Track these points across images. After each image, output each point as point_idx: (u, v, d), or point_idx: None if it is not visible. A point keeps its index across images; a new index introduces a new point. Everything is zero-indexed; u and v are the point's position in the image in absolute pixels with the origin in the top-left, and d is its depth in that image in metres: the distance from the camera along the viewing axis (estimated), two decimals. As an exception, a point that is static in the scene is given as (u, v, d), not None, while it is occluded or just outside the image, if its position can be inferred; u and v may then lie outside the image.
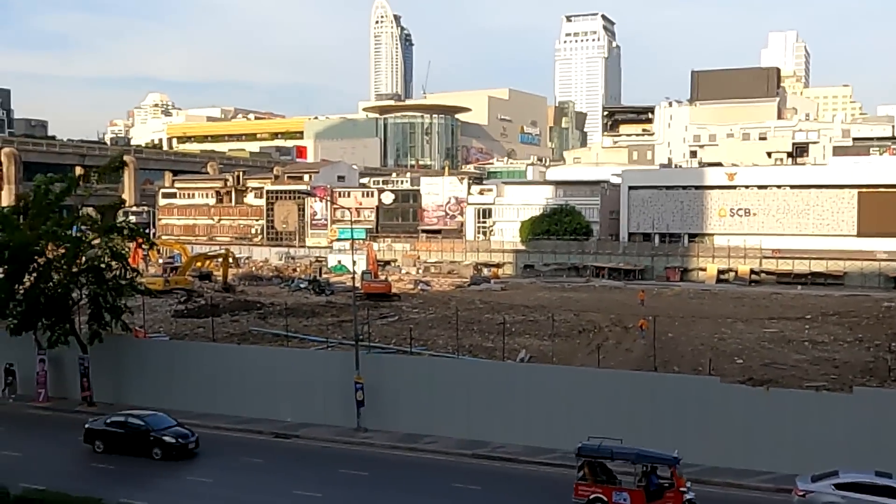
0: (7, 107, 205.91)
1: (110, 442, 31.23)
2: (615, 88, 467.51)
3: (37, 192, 38.30)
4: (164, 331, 55.65)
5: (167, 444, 30.46)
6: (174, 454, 30.29)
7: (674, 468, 25.05)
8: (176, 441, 30.57)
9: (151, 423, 31.22)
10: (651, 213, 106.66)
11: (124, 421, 31.53)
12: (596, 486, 25.43)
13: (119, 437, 31.18)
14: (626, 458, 25.65)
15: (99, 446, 31.33)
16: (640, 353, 49.06)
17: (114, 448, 30.97)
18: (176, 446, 30.49)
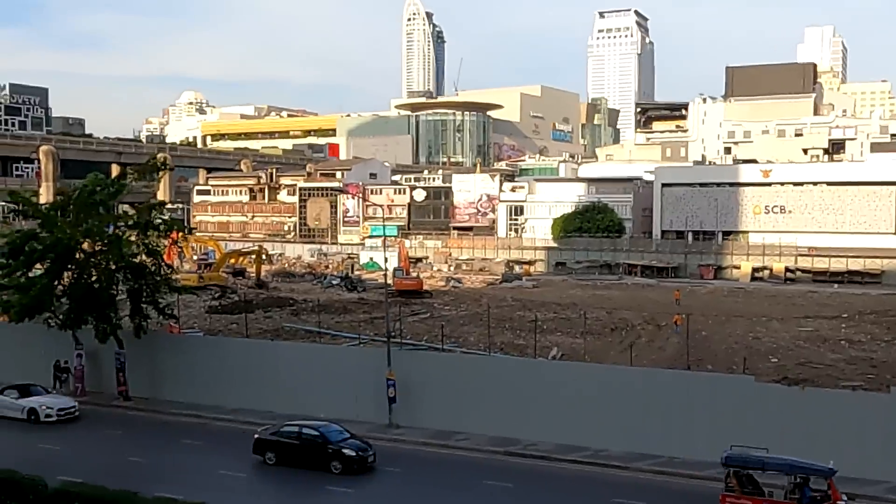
0: (45, 105, 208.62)
1: (283, 453, 29.42)
2: (648, 85, 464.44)
3: (82, 191, 38.75)
4: (198, 327, 56.18)
5: (347, 458, 28.57)
6: (355, 468, 28.47)
7: (830, 480, 23.66)
8: (356, 454, 28.70)
9: (327, 434, 29.40)
10: (685, 211, 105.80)
11: (298, 431, 29.75)
12: (745, 497, 24.07)
13: (293, 449, 29.35)
14: (779, 468, 24.23)
15: (270, 458, 29.58)
16: (673, 352, 48.71)
17: (287, 460, 29.27)
18: (356, 459, 28.61)
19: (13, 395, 36.04)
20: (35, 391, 36.45)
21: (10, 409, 35.63)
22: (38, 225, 38.98)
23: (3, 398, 35.94)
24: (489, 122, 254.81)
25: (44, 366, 40.42)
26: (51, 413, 35.09)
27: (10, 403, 35.68)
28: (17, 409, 35.45)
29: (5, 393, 36.22)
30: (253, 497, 26.15)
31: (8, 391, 36.30)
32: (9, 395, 36.16)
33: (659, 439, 29.99)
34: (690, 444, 29.59)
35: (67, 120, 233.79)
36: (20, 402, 35.60)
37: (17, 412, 35.35)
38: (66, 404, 35.75)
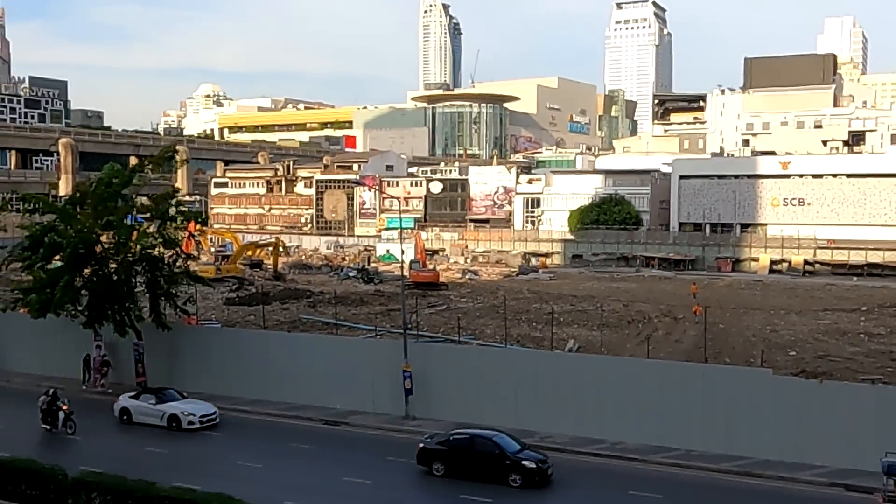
0: (64, 98, 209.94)
1: (453, 464, 27.47)
2: (666, 76, 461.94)
3: (99, 183, 38.92)
4: (215, 318, 56.47)
5: (528, 470, 26.64)
6: (536, 480, 26.58)
7: None
8: (536, 466, 26.80)
9: (503, 443, 27.46)
10: (702, 203, 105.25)
11: (469, 441, 27.71)
12: None
13: (464, 459, 27.43)
14: None
15: (438, 469, 27.57)
16: (690, 345, 48.57)
17: (458, 472, 27.36)
18: (537, 472, 26.71)
19: (150, 401, 33.89)
20: (170, 395, 34.29)
21: (148, 415, 33.47)
22: (56, 219, 39.17)
23: (141, 404, 33.89)
24: (506, 114, 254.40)
25: (68, 357, 40.80)
26: (193, 420, 33.02)
27: (149, 409, 33.59)
28: (157, 415, 33.39)
29: (142, 398, 34.23)
30: (273, 488, 26.23)
31: (144, 396, 34.37)
32: (145, 399, 34.10)
33: (676, 432, 29.92)
34: (708, 437, 29.52)
35: (86, 112, 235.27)
36: (159, 407, 33.53)
37: (156, 419, 33.29)
38: (207, 410, 33.63)
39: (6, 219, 49.61)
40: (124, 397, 34.64)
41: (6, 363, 43.32)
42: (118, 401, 34.60)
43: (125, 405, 34.30)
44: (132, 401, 34.17)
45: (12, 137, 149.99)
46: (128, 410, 34.08)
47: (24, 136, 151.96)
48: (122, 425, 33.85)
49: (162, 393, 34.45)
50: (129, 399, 34.44)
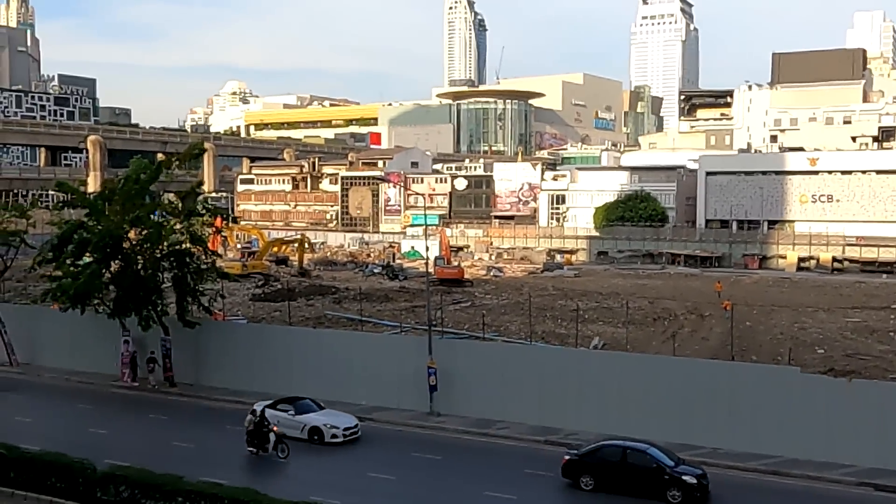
0: (93, 96, 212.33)
1: (604, 478, 26.08)
2: (692, 72, 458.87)
3: (127, 179, 39.33)
4: (242, 314, 56.84)
5: (688, 486, 25.10)
6: (697, 497, 25.12)
7: None
8: (697, 482, 25.25)
9: (658, 456, 25.97)
10: (729, 200, 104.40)
11: (622, 453, 26.29)
12: None
13: (616, 473, 26.03)
14: None
15: (587, 483, 26.16)
16: (716, 342, 48.24)
17: (609, 486, 26.03)
18: (697, 488, 25.17)
19: (289, 412, 31.69)
20: (307, 406, 32.21)
21: (288, 427, 30.98)
22: (85, 214, 39.65)
23: (279, 414, 31.37)
24: (531, 111, 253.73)
25: (97, 352, 41.24)
26: (337, 433, 30.86)
27: (288, 421, 31.22)
28: (297, 427, 31.18)
29: (279, 408, 31.79)
30: (299, 483, 26.38)
31: (282, 405, 31.98)
32: (283, 409, 31.80)
33: (702, 430, 29.75)
34: (734, 435, 29.34)
35: (114, 110, 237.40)
36: (299, 419, 31.43)
37: (296, 431, 31.02)
38: (349, 422, 31.43)
39: (36, 215, 50.23)
40: (260, 407, 31.50)
41: (37, 358, 43.87)
42: (254, 409, 31.34)
43: None
44: (269, 411, 31.26)
45: (42, 135, 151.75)
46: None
47: (53, 134, 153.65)
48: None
49: (298, 402, 32.23)
50: (266, 409, 31.41)
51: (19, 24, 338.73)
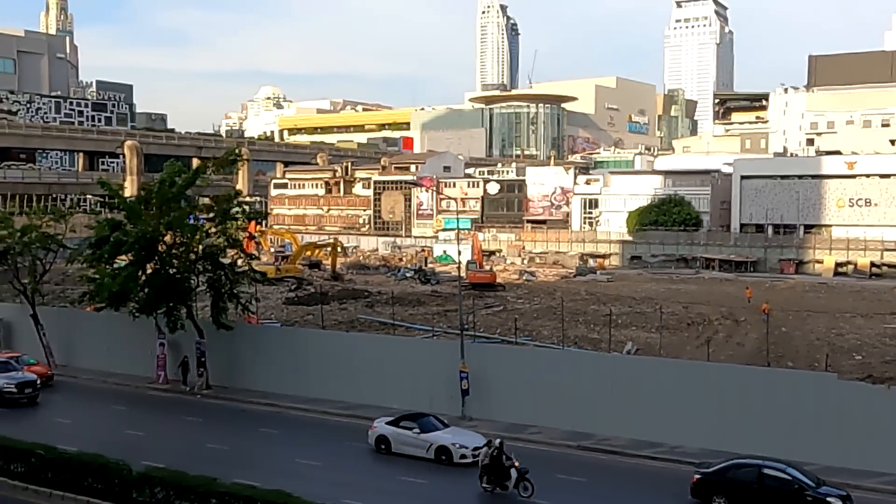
0: (130, 101, 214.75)
1: (739, 499, 24.68)
2: (727, 75, 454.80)
3: (162, 183, 39.84)
4: (275, 317, 57.25)
5: None
6: None
7: None
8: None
9: (799, 477, 24.32)
10: (764, 204, 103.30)
11: (758, 473, 24.56)
12: None
13: (754, 494, 24.45)
14: None
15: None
16: (751, 348, 47.77)
17: None
18: None
19: (413, 429, 29.83)
20: (431, 424, 30.20)
21: (412, 445, 29.46)
22: (123, 217, 40.21)
23: (403, 432, 29.83)
24: (563, 115, 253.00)
25: (133, 354, 41.75)
26: (465, 453, 28.50)
27: (413, 440, 29.54)
28: (422, 446, 29.32)
29: (402, 425, 30.15)
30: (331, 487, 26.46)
31: (404, 423, 30.25)
32: (406, 427, 30.06)
33: (737, 437, 29.42)
34: (769, 442, 28.93)
35: (150, 115, 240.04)
36: (425, 437, 29.48)
37: (421, 450, 29.25)
38: (478, 442, 28.69)
39: (74, 219, 51.01)
40: (381, 423, 30.53)
41: (75, 360, 44.50)
42: (374, 427, 30.61)
43: (383, 433, 30.29)
44: (391, 428, 30.14)
45: (80, 140, 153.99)
46: (386, 439, 30.09)
47: (91, 139, 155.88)
48: (381, 455, 30.05)
49: (422, 420, 30.37)
50: (386, 426, 30.39)
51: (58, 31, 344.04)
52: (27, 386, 36.93)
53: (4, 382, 36.62)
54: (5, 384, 36.55)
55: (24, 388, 36.77)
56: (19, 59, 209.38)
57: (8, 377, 37.03)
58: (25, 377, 37.51)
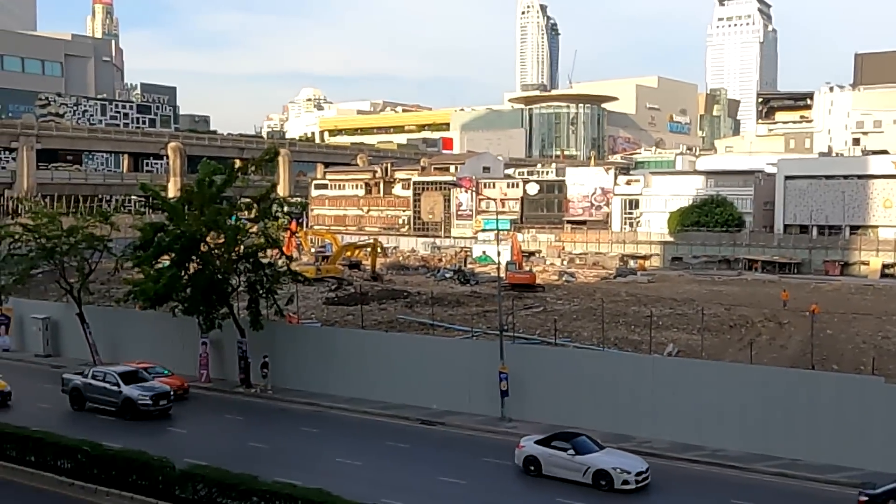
0: (173, 103, 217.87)
1: None
2: (771, 74, 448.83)
3: (200, 184, 40.32)
4: (315, 317, 57.61)
5: None
6: None
7: None
8: None
9: None
10: (809, 204, 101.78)
11: None
12: None
13: None
14: None
15: None
16: (795, 351, 47.08)
17: None
18: None
19: (568, 451, 26.96)
20: (586, 444, 27.42)
21: (566, 468, 26.78)
22: (165, 217, 40.76)
23: (555, 453, 27.08)
24: (604, 115, 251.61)
25: (175, 352, 42.28)
26: (628, 479, 25.93)
27: (567, 462, 26.80)
28: (578, 469, 26.53)
29: (554, 445, 27.39)
30: (371, 486, 26.58)
31: (557, 443, 27.42)
32: (559, 447, 27.21)
33: (780, 440, 29.01)
34: (814, 446, 28.52)
35: (193, 117, 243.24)
36: (581, 459, 26.65)
37: (577, 474, 26.47)
38: (640, 466, 26.42)
39: (119, 220, 51.79)
40: (530, 442, 28.00)
41: (119, 358, 45.14)
42: (522, 446, 28.00)
43: (532, 453, 27.59)
44: (541, 448, 27.50)
45: (125, 142, 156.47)
46: (536, 460, 27.45)
47: (136, 141, 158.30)
48: (528, 478, 27.38)
49: (575, 439, 27.63)
50: (536, 445, 27.73)
51: (104, 34, 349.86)
52: (162, 397, 35.08)
53: (139, 394, 34.61)
54: (140, 395, 34.57)
55: (160, 399, 34.92)
56: (66, 63, 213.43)
57: (142, 388, 35.09)
58: (160, 388, 35.63)
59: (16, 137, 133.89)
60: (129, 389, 34.73)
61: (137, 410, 34.35)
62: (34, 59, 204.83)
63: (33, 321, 48.52)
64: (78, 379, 36.41)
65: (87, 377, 36.17)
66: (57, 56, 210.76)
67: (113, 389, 35.03)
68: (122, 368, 36.86)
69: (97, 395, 35.51)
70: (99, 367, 37.06)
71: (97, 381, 35.72)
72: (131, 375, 35.91)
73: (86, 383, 35.97)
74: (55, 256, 44.88)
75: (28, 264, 44.73)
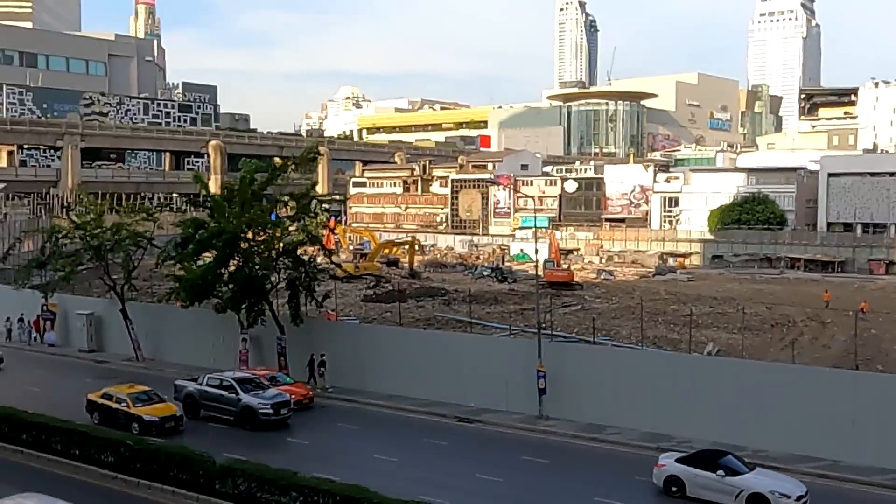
0: (214, 102, 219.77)
1: None
2: (814, 70, 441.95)
3: (242, 182, 40.75)
4: (353, 314, 57.92)
5: None
6: None
7: None
8: None
9: None
10: (853, 202, 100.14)
11: None
12: None
13: None
14: None
15: None
16: (839, 350, 46.41)
17: None
18: None
19: (718, 472, 24.66)
20: (733, 464, 25.18)
21: (715, 490, 24.59)
22: (207, 215, 41.25)
23: (702, 473, 24.87)
24: (643, 112, 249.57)
25: (217, 349, 42.79)
26: None
27: (716, 483, 24.60)
28: (729, 492, 24.32)
29: (698, 464, 25.27)
30: (408, 483, 26.68)
31: (701, 460, 25.50)
32: (704, 467, 25.04)
33: (822, 442, 28.61)
34: (857, 448, 28.09)
35: (234, 116, 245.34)
36: (732, 482, 24.43)
37: (728, 497, 24.31)
38: (800, 490, 24.16)
39: (161, 217, 52.52)
40: (670, 461, 25.96)
41: (161, 354, 45.85)
42: (662, 465, 25.97)
43: (675, 473, 25.45)
44: (685, 467, 25.40)
45: (167, 140, 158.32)
46: (679, 481, 25.31)
47: (177, 139, 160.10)
48: (672, 499, 25.37)
49: (722, 459, 25.42)
50: (679, 465, 25.62)
51: (146, 34, 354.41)
52: (283, 406, 33.20)
53: (259, 402, 32.77)
54: (260, 404, 32.71)
55: (280, 408, 33.06)
56: (110, 63, 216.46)
57: (262, 396, 33.29)
58: (281, 397, 33.65)
59: (61, 136, 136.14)
60: (249, 398, 33.04)
61: (257, 420, 32.65)
62: (79, 59, 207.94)
63: (78, 317, 49.41)
64: (192, 385, 34.84)
65: (202, 384, 34.49)
66: (101, 56, 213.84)
67: (231, 397, 33.29)
68: (239, 375, 35.35)
69: (213, 403, 33.71)
70: (214, 374, 35.23)
71: (213, 387, 34.07)
72: (249, 382, 34.23)
73: (201, 390, 34.31)
74: (100, 253, 45.62)
75: (75, 261, 45.54)
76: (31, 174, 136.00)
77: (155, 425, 30.95)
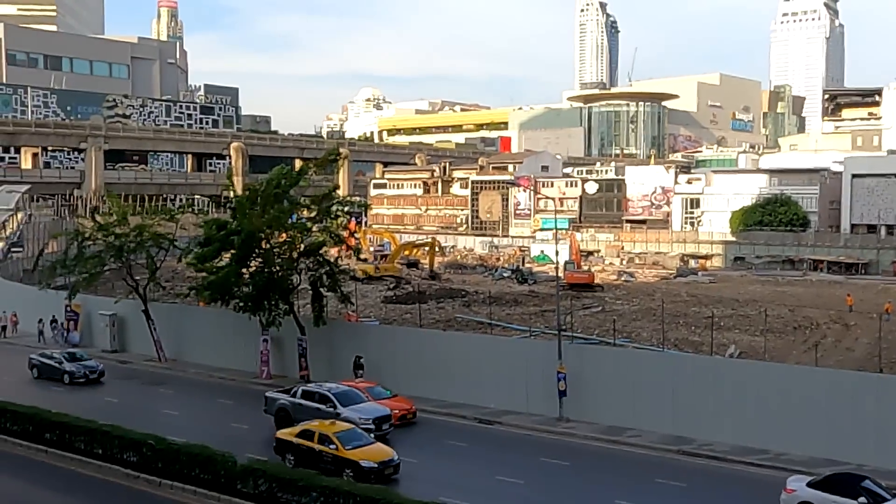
0: (235, 104, 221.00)
1: None
2: (837, 70, 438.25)
3: (268, 183, 40.95)
4: (374, 316, 58.04)
5: None
6: None
7: None
8: None
9: None
10: (877, 203, 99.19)
11: None
12: None
13: None
14: None
15: None
16: (862, 353, 46.00)
17: None
18: None
19: (857, 498, 22.17)
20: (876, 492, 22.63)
21: None
22: (231, 216, 41.45)
23: (842, 501, 22.26)
24: (664, 113, 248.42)
25: (238, 350, 43.01)
26: None
27: None
28: None
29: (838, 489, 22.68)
30: (429, 484, 26.69)
31: (838, 486, 22.83)
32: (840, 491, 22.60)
33: (846, 445, 28.35)
34: (881, 451, 27.81)
35: (255, 118, 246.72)
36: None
37: None
38: None
39: (183, 219, 52.85)
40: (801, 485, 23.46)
41: (183, 355, 46.11)
42: (792, 490, 23.53)
43: (808, 499, 23.00)
44: (819, 493, 22.81)
45: (189, 142, 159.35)
46: None
47: (199, 141, 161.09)
48: None
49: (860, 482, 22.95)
50: (811, 490, 23.07)
51: (169, 37, 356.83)
52: (384, 421, 31.52)
53: (359, 417, 30.80)
54: (361, 419, 30.63)
55: (382, 423, 31.31)
56: (133, 65, 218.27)
57: (360, 411, 31.51)
58: (381, 411, 32.03)
59: (84, 138, 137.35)
60: (349, 412, 31.11)
61: None
62: (102, 61, 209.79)
63: (100, 317, 49.81)
64: (285, 398, 33.06)
65: (297, 397, 32.68)
66: (124, 59, 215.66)
67: (329, 411, 31.28)
68: (335, 388, 33.17)
69: (309, 418, 30.42)
70: (309, 386, 33.64)
71: (308, 401, 32.23)
72: (346, 396, 32.55)
73: (295, 403, 32.45)
74: (123, 254, 45.96)
75: (98, 262, 45.91)
76: (56, 176, 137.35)
77: (374, 472, 26.26)
